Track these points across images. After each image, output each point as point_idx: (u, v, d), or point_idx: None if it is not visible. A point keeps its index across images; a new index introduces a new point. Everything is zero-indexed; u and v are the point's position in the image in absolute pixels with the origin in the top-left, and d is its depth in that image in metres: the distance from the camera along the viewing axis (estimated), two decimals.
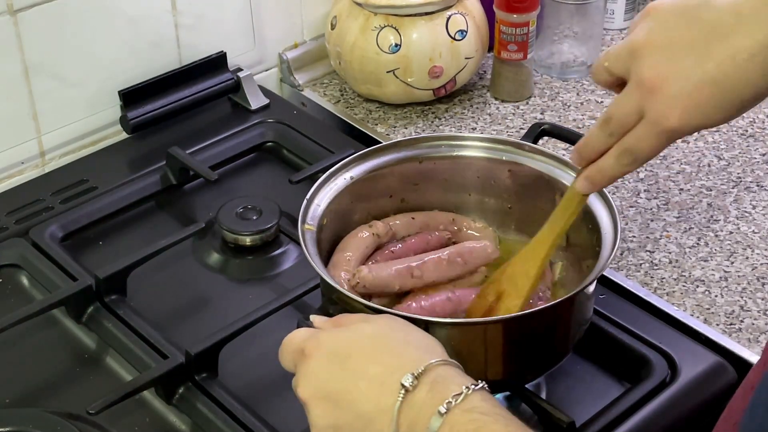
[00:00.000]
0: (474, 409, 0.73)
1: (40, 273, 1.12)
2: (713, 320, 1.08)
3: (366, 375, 0.77)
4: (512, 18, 1.38)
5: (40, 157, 1.31)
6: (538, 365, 0.95)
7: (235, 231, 1.17)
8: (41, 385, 1.02)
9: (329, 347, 0.79)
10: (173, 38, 1.38)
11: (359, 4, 1.38)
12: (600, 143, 0.85)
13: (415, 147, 1.05)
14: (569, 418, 0.93)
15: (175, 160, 1.26)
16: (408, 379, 0.75)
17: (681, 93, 0.78)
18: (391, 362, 0.77)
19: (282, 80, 1.52)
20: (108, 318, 1.07)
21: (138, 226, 1.23)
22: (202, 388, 0.99)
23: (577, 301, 0.92)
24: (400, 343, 0.79)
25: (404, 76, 1.38)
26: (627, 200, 1.24)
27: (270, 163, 1.34)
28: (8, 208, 1.22)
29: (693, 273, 1.14)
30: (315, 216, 0.98)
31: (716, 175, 1.28)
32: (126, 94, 1.33)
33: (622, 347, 1.03)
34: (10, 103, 1.26)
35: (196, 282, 1.15)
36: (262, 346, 1.04)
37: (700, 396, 1.00)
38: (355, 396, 0.77)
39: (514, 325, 0.90)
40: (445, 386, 0.74)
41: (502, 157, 1.05)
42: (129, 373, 1.02)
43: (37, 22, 1.24)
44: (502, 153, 1.05)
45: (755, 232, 1.19)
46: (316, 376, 0.79)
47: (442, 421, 0.72)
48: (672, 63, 0.78)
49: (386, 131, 1.39)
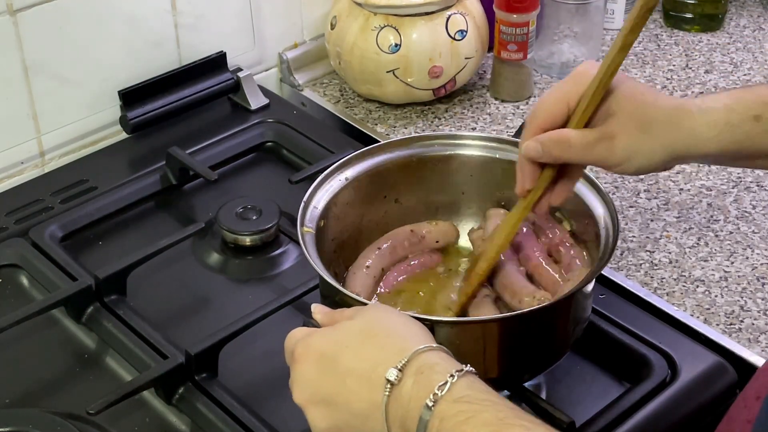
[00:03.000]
0: (461, 399, 0.73)
1: (40, 273, 1.12)
2: (713, 320, 1.08)
3: (354, 373, 0.77)
4: (512, 18, 1.38)
5: (40, 157, 1.31)
6: (536, 364, 0.95)
7: (235, 231, 1.17)
8: (41, 385, 1.02)
9: (317, 350, 0.80)
10: (173, 38, 1.38)
11: (359, 4, 1.38)
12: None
13: (408, 147, 1.06)
14: (569, 418, 0.93)
15: (175, 160, 1.26)
16: (392, 373, 0.75)
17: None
18: (376, 356, 0.77)
19: (282, 80, 1.52)
20: (108, 318, 1.06)
21: (138, 226, 1.23)
22: (202, 388, 0.99)
23: (574, 300, 0.92)
24: (384, 335, 0.79)
25: (404, 76, 1.38)
26: (627, 200, 1.24)
27: (270, 163, 1.34)
28: (8, 208, 1.22)
29: (693, 273, 1.14)
30: (313, 218, 0.98)
31: (716, 175, 1.28)
32: (126, 94, 1.33)
33: (622, 347, 1.03)
34: (10, 103, 1.26)
35: (196, 282, 1.15)
36: (261, 346, 1.04)
37: (700, 396, 1.00)
38: (346, 396, 0.77)
39: (513, 323, 0.90)
40: (429, 376, 0.74)
41: (496, 155, 1.05)
42: (129, 373, 1.02)
43: (37, 22, 1.24)
44: (495, 151, 1.05)
45: (755, 232, 1.19)
46: (308, 381, 0.79)
47: (431, 414, 0.73)
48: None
49: (386, 131, 1.39)
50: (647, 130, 0.91)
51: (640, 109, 0.91)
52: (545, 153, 0.91)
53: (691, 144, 0.91)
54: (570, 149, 0.91)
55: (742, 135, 0.91)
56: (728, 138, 0.91)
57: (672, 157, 0.92)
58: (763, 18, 1.62)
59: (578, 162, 0.93)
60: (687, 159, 0.96)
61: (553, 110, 0.92)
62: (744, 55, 1.52)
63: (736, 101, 0.92)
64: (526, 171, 0.94)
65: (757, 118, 0.91)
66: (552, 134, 0.91)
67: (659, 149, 0.91)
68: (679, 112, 0.92)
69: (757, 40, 1.56)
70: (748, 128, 0.91)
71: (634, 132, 0.90)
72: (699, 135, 0.91)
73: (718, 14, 1.58)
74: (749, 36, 1.57)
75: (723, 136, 0.91)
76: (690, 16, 1.58)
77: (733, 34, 1.58)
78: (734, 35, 1.57)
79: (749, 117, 0.91)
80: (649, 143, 0.91)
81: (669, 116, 0.91)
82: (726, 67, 1.50)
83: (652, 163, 0.92)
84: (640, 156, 0.91)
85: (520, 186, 0.95)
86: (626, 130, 0.90)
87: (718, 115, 0.91)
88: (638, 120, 0.90)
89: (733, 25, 1.60)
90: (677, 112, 0.92)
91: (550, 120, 0.92)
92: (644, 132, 0.90)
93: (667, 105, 0.92)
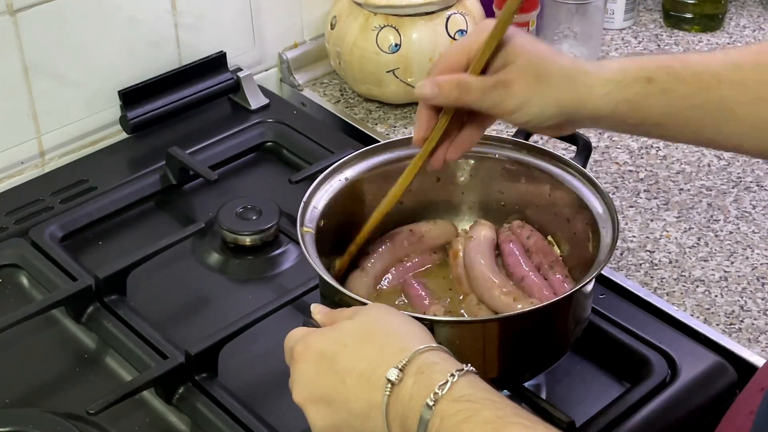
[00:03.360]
0: (462, 398, 0.73)
1: (40, 273, 1.12)
2: (713, 320, 1.08)
3: (353, 373, 0.77)
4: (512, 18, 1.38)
5: (40, 157, 1.31)
6: (536, 363, 0.95)
7: (235, 231, 1.17)
8: (41, 385, 1.02)
9: (316, 349, 0.80)
10: (173, 38, 1.38)
11: (359, 4, 1.38)
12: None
13: (408, 147, 1.05)
14: (569, 418, 0.93)
15: (175, 160, 1.26)
16: (393, 373, 0.75)
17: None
18: (376, 356, 0.77)
19: (282, 80, 1.52)
20: (108, 318, 1.06)
21: (138, 226, 1.23)
22: (202, 388, 0.99)
23: (574, 300, 0.92)
24: (383, 335, 0.79)
25: (404, 76, 1.38)
26: (627, 200, 1.24)
27: (270, 163, 1.34)
28: (8, 208, 1.22)
29: (693, 273, 1.14)
30: (313, 218, 0.98)
31: (716, 175, 1.28)
32: (126, 94, 1.33)
33: (622, 347, 1.03)
34: (10, 103, 1.26)
35: (196, 282, 1.15)
36: (261, 346, 1.04)
37: (700, 396, 1.00)
38: (346, 396, 0.77)
39: (513, 323, 0.90)
40: (429, 376, 0.74)
41: (496, 155, 1.05)
42: (129, 373, 1.02)
43: (37, 22, 1.24)
44: (495, 151, 1.05)
45: (755, 232, 1.19)
46: (307, 380, 0.79)
47: (432, 413, 0.73)
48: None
49: (386, 131, 1.39)
50: (542, 82, 0.92)
51: (537, 61, 0.92)
52: (441, 94, 0.92)
53: (582, 100, 0.92)
54: (469, 92, 0.92)
55: (632, 95, 0.92)
56: (619, 97, 0.92)
57: (562, 112, 0.93)
58: (763, 18, 1.62)
59: (474, 106, 0.93)
60: (579, 119, 0.96)
61: (455, 59, 0.93)
62: None
63: (631, 63, 0.94)
64: (422, 118, 0.95)
65: (649, 80, 0.91)
66: (451, 77, 0.92)
67: (552, 102, 0.92)
68: (575, 69, 0.93)
69: (757, 40, 1.56)
70: (639, 89, 0.92)
71: (530, 81, 0.92)
72: (590, 92, 0.92)
73: (718, 14, 1.58)
74: (749, 36, 1.57)
75: (613, 95, 0.92)
76: (690, 16, 1.58)
77: (733, 34, 1.58)
78: (734, 35, 1.57)
79: (641, 78, 0.92)
80: (542, 95, 0.92)
81: (565, 71, 0.93)
82: None
83: (543, 116, 0.93)
84: (533, 106, 0.92)
85: (415, 134, 0.96)
86: (522, 78, 0.91)
87: (611, 74, 0.92)
88: (534, 71, 0.92)
89: (733, 25, 1.60)
90: (573, 70, 0.93)
91: (450, 67, 0.93)
92: (539, 83, 0.92)
93: (564, 62, 0.94)
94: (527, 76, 0.92)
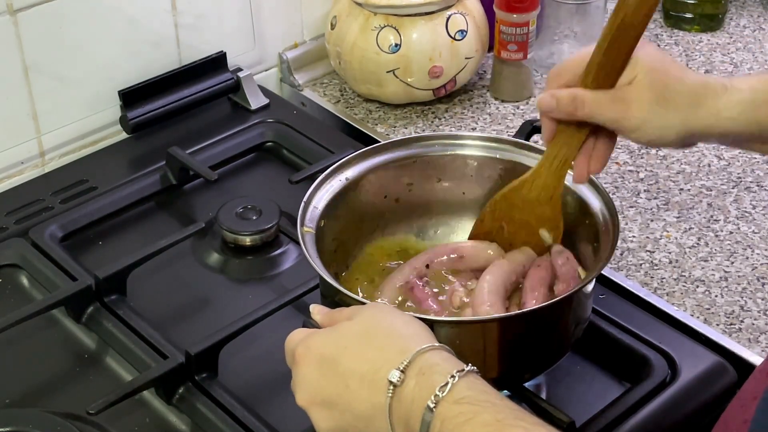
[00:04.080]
0: (462, 400, 0.73)
1: (40, 273, 1.12)
2: (713, 320, 1.08)
3: (355, 375, 0.77)
4: (512, 18, 1.38)
5: (40, 157, 1.31)
6: (537, 363, 0.95)
7: (235, 231, 1.17)
8: (41, 385, 1.02)
9: (318, 352, 0.80)
10: (173, 38, 1.38)
11: (359, 4, 1.38)
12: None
13: (408, 147, 1.06)
14: (569, 418, 0.93)
15: (175, 160, 1.26)
16: (395, 375, 0.75)
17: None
18: (377, 357, 0.77)
19: (282, 80, 1.52)
20: (108, 318, 1.07)
21: (138, 226, 1.23)
22: (202, 388, 0.99)
23: (575, 300, 0.92)
24: (384, 335, 0.79)
25: (404, 76, 1.38)
26: (627, 200, 1.24)
27: (270, 163, 1.34)
28: (8, 208, 1.22)
29: (693, 273, 1.14)
30: (313, 218, 0.98)
31: (716, 175, 1.28)
32: (126, 94, 1.33)
33: (622, 347, 1.03)
34: (10, 103, 1.26)
35: (196, 282, 1.15)
36: (262, 346, 1.04)
37: (700, 396, 1.00)
38: (349, 398, 0.77)
39: (513, 323, 0.90)
40: (430, 377, 0.74)
41: (496, 155, 1.05)
42: (129, 373, 1.02)
43: (37, 22, 1.24)
44: (495, 151, 1.05)
45: (755, 232, 1.19)
46: (310, 383, 0.79)
47: (433, 416, 0.73)
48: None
49: (386, 131, 1.39)
50: (665, 105, 0.90)
51: (662, 82, 0.90)
52: (558, 108, 0.92)
53: (712, 123, 0.91)
54: (583, 107, 0.91)
55: (764, 116, 0.91)
56: (751, 118, 0.91)
57: (690, 134, 0.92)
58: (763, 18, 1.62)
59: (592, 121, 0.92)
60: (706, 137, 0.95)
61: (576, 71, 0.92)
62: (744, 55, 1.52)
63: (759, 82, 0.92)
64: (546, 125, 0.95)
65: None
66: (567, 91, 0.92)
67: (678, 124, 0.91)
68: (704, 89, 0.91)
69: (757, 40, 1.56)
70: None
71: (651, 102, 0.90)
72: (721, 114, 0.91)
73: (718, 14, 1.58)
74: (749, 36, 1.57)
75: (746, 116, 0.91)
76: (690, 16, 1.58)
77: (733, 34, 1.58)
78: (734, 35, 1.57)
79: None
80: (665, 117, 0.90)
81: (693, 93, 0.91)
82: (726, 67, 1.50)
83: (666, 137, 0.92)
84: (653, 128, 0.91)
85: (544, 138, 0.97)
86: (642, 98, 0.90)
87: (742, 96, 0.91)
88: (658, 92, 0.90)
89: (733, 25, 1.60)
90: (702, 90, 0.91)
91: (571, 78, 0.93)
92: (661, 105, 0.90)
93: (691, 81, 0.92)
94: (649, 96, 0.90)
